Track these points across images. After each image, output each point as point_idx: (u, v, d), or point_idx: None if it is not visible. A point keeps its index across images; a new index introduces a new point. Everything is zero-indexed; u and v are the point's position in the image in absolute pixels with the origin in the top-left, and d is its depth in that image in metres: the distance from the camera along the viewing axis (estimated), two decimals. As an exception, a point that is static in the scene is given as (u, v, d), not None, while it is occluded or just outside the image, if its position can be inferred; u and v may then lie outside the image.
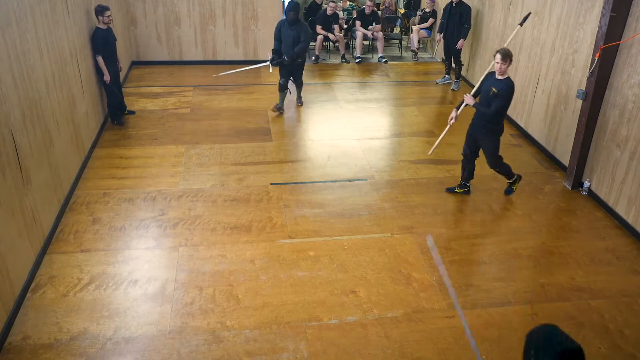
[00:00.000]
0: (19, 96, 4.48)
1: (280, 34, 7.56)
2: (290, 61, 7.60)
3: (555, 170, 6.67)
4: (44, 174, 4.99)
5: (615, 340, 4.15)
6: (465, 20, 8.71)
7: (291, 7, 7.34)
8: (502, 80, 5.35)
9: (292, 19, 7.35)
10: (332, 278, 4.71)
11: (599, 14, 5.62)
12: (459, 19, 8.73)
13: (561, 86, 6.61)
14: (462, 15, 8.70)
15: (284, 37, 7.51)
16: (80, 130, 6.22)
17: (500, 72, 5.33)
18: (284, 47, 7.56)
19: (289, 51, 7.52)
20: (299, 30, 7.42)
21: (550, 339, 2.16)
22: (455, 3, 8.77)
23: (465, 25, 8.73)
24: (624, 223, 5.49)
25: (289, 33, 7.44)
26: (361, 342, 4.06)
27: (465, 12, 8.70)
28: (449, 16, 8.90)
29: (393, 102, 8.80)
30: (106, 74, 6.97)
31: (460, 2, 8.75)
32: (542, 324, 2.28)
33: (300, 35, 7.43)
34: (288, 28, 7.44)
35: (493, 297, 4.54)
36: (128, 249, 4.99)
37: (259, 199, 5.86)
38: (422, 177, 6.39)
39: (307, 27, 7.59)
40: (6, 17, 4.33)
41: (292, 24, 7.39)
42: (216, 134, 7.29)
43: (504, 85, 5.32)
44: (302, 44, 7.49)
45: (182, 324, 4.16)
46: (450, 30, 8.94)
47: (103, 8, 6.80)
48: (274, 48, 7.68)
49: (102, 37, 6.80)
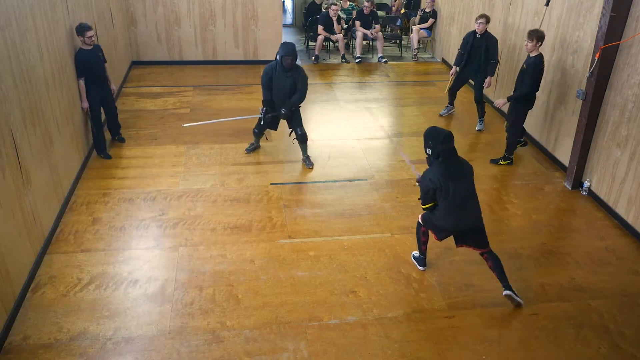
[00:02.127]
0: (19, 96, 4.48)
1: (271, 83, 6.22)
2: (289, 115, 6.35)
3: (555, 170, 6.67)
4: (44, 174, 4.99)
5: (615, 340, 4.15)
6: (492, 55, 7.33)
7: (290, 51, 6.00)
8: (532, 57, 6.12)
9: (289, 64, 6.05)
10: (332, 278, 4.71)
11: (599, 14, 5.62)
12: (485, 54, 7.33)
13: (561, 86, 6.61)
14: (489, 49, 7.31)
15: (277, 86, 6.20)
16: (80, 130, 6.22)
17: (528, 50, 6.12)
18: (277, 97, 6.27)
19: (285, 102, 6.25)
20: (295, 76, 6.17)
21: (436, 130, 4.18)
22: (479, 34, 7.32)
23: (493, 61, 7.34)
24: (624, 223, 5.48)
25: (284, 81, 6.15)
26: (361, 342, 4.06)
27: (492, 45, 7.31)
28: (470, 49, 7.46)
29: (393, 102, 8.80)
30: (84, 101, 6.21)
31: (486, 33, 7.32)
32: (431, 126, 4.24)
33: (297, 83, 6.19)
34: (282, 75, 6.13)
35: (493, 297, 4.54)
36: (128, 249, 4.99)
37: (259, 199, 5.86)
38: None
39: (304, 73, 6.27)
40: (6, 17, 4.33)
41: (288, 70, 6.13)
42: (216, 134, 7.28)
43: (531, 61, 6.10)
44: (300, 93, 6.23)
45: (182, 324, 4.16)
46: (472, 65, 7.53)
47: (84, 28, 5.99)
48: (265, 99, 6.32)
49: (83, 60, 6.06)
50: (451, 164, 4.12)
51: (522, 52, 7.50)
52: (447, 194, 4.13)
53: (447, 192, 4.12)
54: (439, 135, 4.09)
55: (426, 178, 4.19)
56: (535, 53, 6.09)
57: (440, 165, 4.10)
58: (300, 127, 6.47)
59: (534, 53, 6.10)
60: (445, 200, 4.16)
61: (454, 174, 4.13)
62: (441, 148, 4.05)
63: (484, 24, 7.24)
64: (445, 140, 4.06)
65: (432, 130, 4.17)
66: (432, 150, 4.11)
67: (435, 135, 4.10)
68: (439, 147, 4.05)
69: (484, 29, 7.28)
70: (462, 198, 4.16)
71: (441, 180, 4.09)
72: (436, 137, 4.08)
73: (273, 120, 6.48)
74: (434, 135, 4.11)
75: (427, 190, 4.21)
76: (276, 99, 6.30)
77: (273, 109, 6.36)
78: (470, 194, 4.22)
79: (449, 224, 4.28)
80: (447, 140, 4.07)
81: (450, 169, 4.11)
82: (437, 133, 4.12)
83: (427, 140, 4.14)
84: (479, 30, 7.30)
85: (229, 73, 9.81)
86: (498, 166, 6.69)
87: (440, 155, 4.07)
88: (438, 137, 4.07)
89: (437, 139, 4.06)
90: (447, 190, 4.12)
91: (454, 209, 4.18)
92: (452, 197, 4.14)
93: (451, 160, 4.13)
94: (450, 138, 4.09)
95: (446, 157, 4.08)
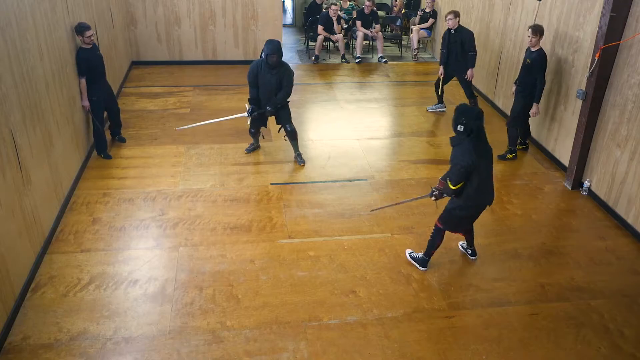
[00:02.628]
0: (19, 96, 4.48)
1: (256, 79, 6.23)
2: (274, 112, 6.39)
3: (555, 170, 6.67)
4: (44, 174, 4.99)
5: (615, 340, 4.15)
6: (469, 47, 7.57)
7: (275, 49, 5.99)
8: (534, 52, 6.28)
9: (275, 62, 6.04)
10: (332, 278, 4.71)
11: (599, 14, 5.62)
12: (461, 47, 7.60)
13: (561, 86, 6.61)
14: (464, 43, 7.56)
15: (263, 83, 6.21)
16: (80, 130, 6.22)
17: (531, 45, 6.29)
18: (263, 94, 6.28)
19: (270, 99, 6.26)
20: (281, 74, 6.16)
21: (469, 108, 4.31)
22: (453, 30, 7.58)
23: (471, 52, 7.58)
24: (624, 223, 5.49)
25: (269, 78, 6.15)
26: (361, 342, 4.06)
27: (467, 38, 7.54)
28: (448, 45, 7.75)
29: (393, 102, 8.80)
30: (85, 100, 6.23)
31: (459, 28, 7.58)
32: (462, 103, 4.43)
33: (282, 80, 6.19)
34: (268, 72, 6.13)
35: (493, 297, 4.54)
36: (128, 249, 4.99)
37: (259, 199, 5.86)
38: (422, 177, 6.39)
39: (290, 69, 6.29)
40: (6, 17, 4.33)
41: (273, 67, 6.12)
42: (216, 134, 7.28)
43: (535, 55, 6.26)
44: (285, 90, 6.24)
45: (182, 324, 4.16)
46: (453, 60, 7.79)
47: (83, 27, 6.04)
48: (251, 96, 6.35)
49: (85, 59, 6.10)
50: (481, 140, 4.27)
51: (522, 52, 7.50)
52: (480, 169, 4.26)
53: (479, 168, 4.25)
54: (473, 111, 4.21)
55: (460, 158, 4.24)
56: (537, 47, 6.29)
57: (471, 141, 4.21)
58: (289, 124, 6.47)
59: (536, 47, 6.28)
60: (479, 176, 4.27)
61: (482, 152, 4.29)
62: (474, 125, 4.16)
63: (452, 19, 7.49)
64: (478, 116, 4.19)
65: (465, 108, 4.29)
66: (464, 127, 4.17)
67: (470, 111, 4.22)
68: (472, 123, 4.15)
69: (455, 24, 7.52)
70: (488, 175, 4.37)
71: (475, 157, 4.21)
72: (470, 113, 4.19)
73: (260, 117, 6.49)
74: (468, 112, 4.21)
75: (465, 169, 4.24)
76: (262, 97, 6.31)
77: (259, 106, 6.37)
78: (490, 173, 4.41)
79: (479, 200, 4.42)
80: (480, 116, 4.21)
81: (481, 146, 4.27)
82: (471, 109, 4.25)
83: (460, 117, 4.20)
84: (450, 26, 7.56)
85: (229, 73, 9.81)
86: (499, 166, 6.63)
87: (473, 131, 4.17)
88: (472, 113, 4.19)
89: (471, 116, 4.16)
90: (479, 166, 4.25)
91: (485, 185, 4.35)
92: (482, 173, 4.29)
93: (481, 137, 4.27)
94: (482, 115, 4.25)
95: (478, 133, 4.21)
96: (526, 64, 6.38)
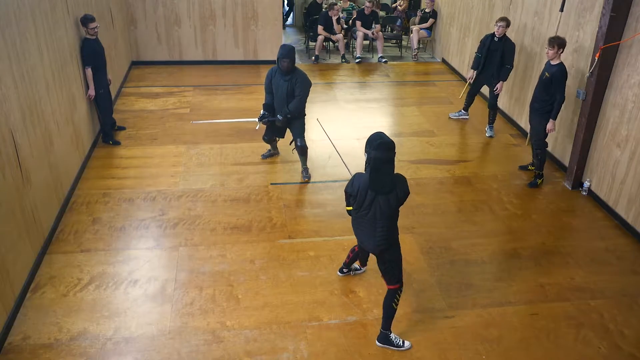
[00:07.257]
0: (19, 96, 4.48)
1: (271, 85, 6.01)
2: (284, 121, 6.10)
3: (555, 170, 6.68)
4: (44, 174, 4.99)
5: (615, 340, 4.15)
6: (508, 60, 7.12)
7: (286, 53, 5.70)
8: (554, 66, 5.79)
9: (286, 67, 5.75)
10: (332, 278, 4.71)
11: (599, 14, 5.62)
12: (500, 58, 7.13)
13: (561, 86, 6.61)
14: (505, 54, 7.10)
15: (276, 89, 5.95)
16: (80, 130, 6.22)
17: (550, 58, 5.81)
18: (277, 101, 6.03)
19: (282, 107, 5.99)
20: (294, 80, 5.84)
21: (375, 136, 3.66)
22: (498, 38, 7.09)
23: (507, 66, 7.14)
24: (624, 223, 5.49)
25: (282, 84, 5.87)
26: (361, 342, 4.06)
27: (508, 50, 7.09)
28: (487, 52, 7.23)
29: (393, 102, 8.80)
30: (91, 89, 6.40)
31: (504, 37, 7.09)
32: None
33: (295, 88, 5.87)
34: (281, 78, 5.86)
35: (493, 297, 4.54)
36: (128, 249, 4.99)
37: (259, 199, 5.86)
38: (422, 177, 6.39)
39: (304, 76, 5.92)
40: (6, 17, 4.33)
41: (286, 73, 5.84)
42: (216, 134, 7.28)
43: (556, 69, 5.77)
44: (298, 99, 5.90)
45: (182, 324, 4.16)
46: (488, 69, 7.33)
47: (88, 19, 6.21)
48: (266, 102, 6.13)
49: (91, 48, 6.30)
50: (380, 174, 3.62)
51: (522, 52, 7.50)
52: (360, 205, 3.73)
53: (361, 203, 3.72)
54: (375, 141, 3.59)
55: (351, 179, 3.82)
56: (557, 61, 5.76)
57: (369, 172, 3.64)
58: (301, 138, 6.19)
59: (555, 61, 5.76)
60: (356, 211, 3.80)
61: (379, 188, 3.65)
62: (373, 155, 3.57)
63: (503, 27, 7.00)
64: (378, 147, 3.55)
65: (372, 137, 3.66)
66: (367, 155, 3.65)
67: (373, 141, 3.61)
68: (372, 153, 3.58)
69: (503, 32, 7.04)
70: (380, 216, 3.70)
71: (361, 188, 3.69)
72: (372, 143, 3.61)
73: (272, 125, 6.27)
74: (371, 139, 3.64)
75: (346, 193, 3.90)
76: (276, 104, 6.09)
77: (273, 113, 6.16)
78: (386, 216, 3.71)
79: (358, 236, 3.95)
80: (381, 148, 3.56)
81: (377, 181, 3.64)
82: (374, 138, 3.63)
83: (366, 145, 3.67)
84: (497, 34, 7.06)
85: (229, 73, 9.81)
86: (499, 166, 6.67)
87: (370, 162, 3.60)
88: (373, 143, 3.59)
89: (372, 145, 3.59)
90: (362, 201, 3.71)
91: (367, 225, 3.79)
92: (364, 209, 3.73)
93: (382, 170, 3.62)
94: (386, 147, 3.57)
95: (375, 166, 3.59)
96: (544, 79, 5.87)
